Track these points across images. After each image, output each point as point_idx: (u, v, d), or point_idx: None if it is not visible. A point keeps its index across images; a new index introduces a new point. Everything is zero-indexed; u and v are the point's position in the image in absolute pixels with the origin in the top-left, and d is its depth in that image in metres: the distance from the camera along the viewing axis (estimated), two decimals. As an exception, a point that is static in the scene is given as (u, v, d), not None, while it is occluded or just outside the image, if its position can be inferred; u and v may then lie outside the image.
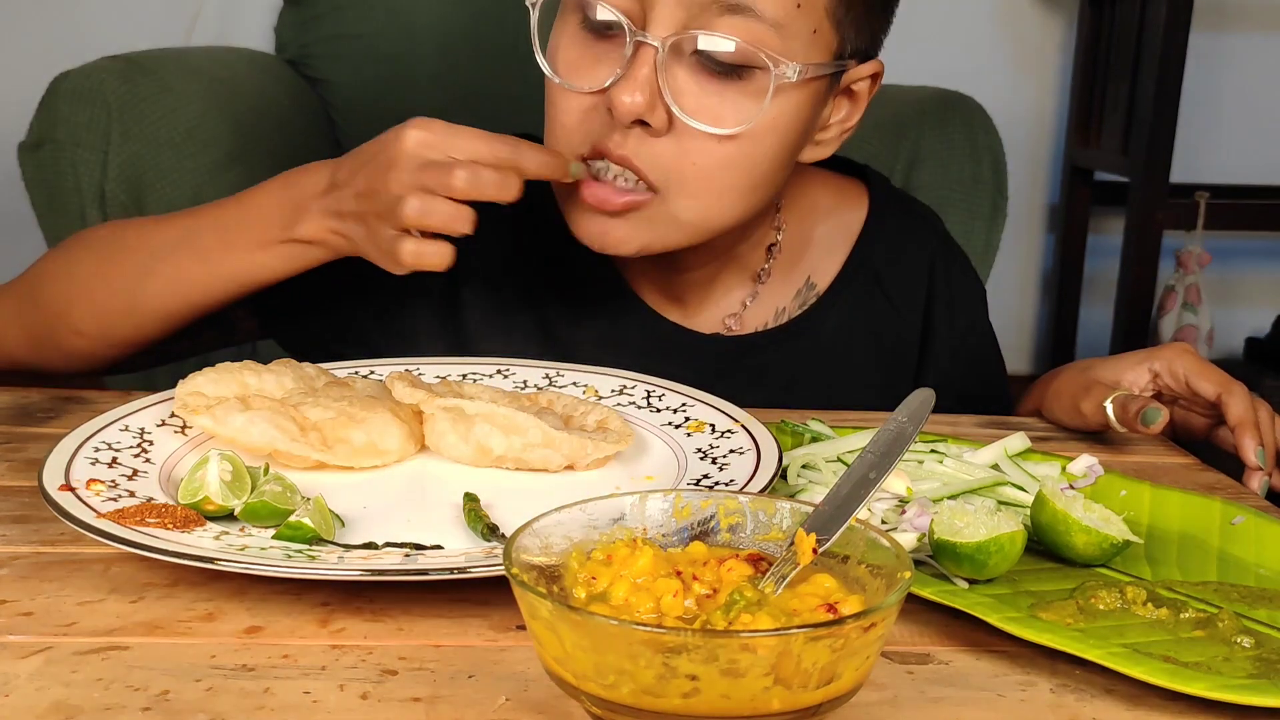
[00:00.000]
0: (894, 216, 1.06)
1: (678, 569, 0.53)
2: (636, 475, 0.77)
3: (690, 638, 0.44)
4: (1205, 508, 0.74)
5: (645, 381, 0.90)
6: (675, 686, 0.44)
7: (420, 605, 0.61)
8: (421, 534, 0.66)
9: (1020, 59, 2.77)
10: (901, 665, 0.58)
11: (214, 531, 0.64)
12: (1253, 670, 0.57)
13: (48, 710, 0.51)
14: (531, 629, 0.48)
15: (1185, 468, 0.89)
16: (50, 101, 1.48)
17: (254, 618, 0.60)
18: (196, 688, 0.53)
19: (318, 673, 0.55)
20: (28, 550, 0.66)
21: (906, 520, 0.69)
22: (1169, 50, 2.36)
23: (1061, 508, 0.67)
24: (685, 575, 0.52)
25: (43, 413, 0.89)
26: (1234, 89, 2.79)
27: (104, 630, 0.58)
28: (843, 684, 0.46)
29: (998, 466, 0.78)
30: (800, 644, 0.44)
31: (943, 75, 1.99)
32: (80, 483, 0.68)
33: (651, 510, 0.57)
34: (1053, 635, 0.57)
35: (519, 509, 0.69)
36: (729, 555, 0.54)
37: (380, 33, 1.90)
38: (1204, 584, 0.67)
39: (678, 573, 0.52)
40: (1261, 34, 2.78)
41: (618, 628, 0.45)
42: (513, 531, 0.52)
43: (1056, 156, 2.82)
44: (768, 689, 0.44)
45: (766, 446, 0.76)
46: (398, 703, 0.53)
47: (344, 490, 0.73)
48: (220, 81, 1.67)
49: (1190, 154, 2.68)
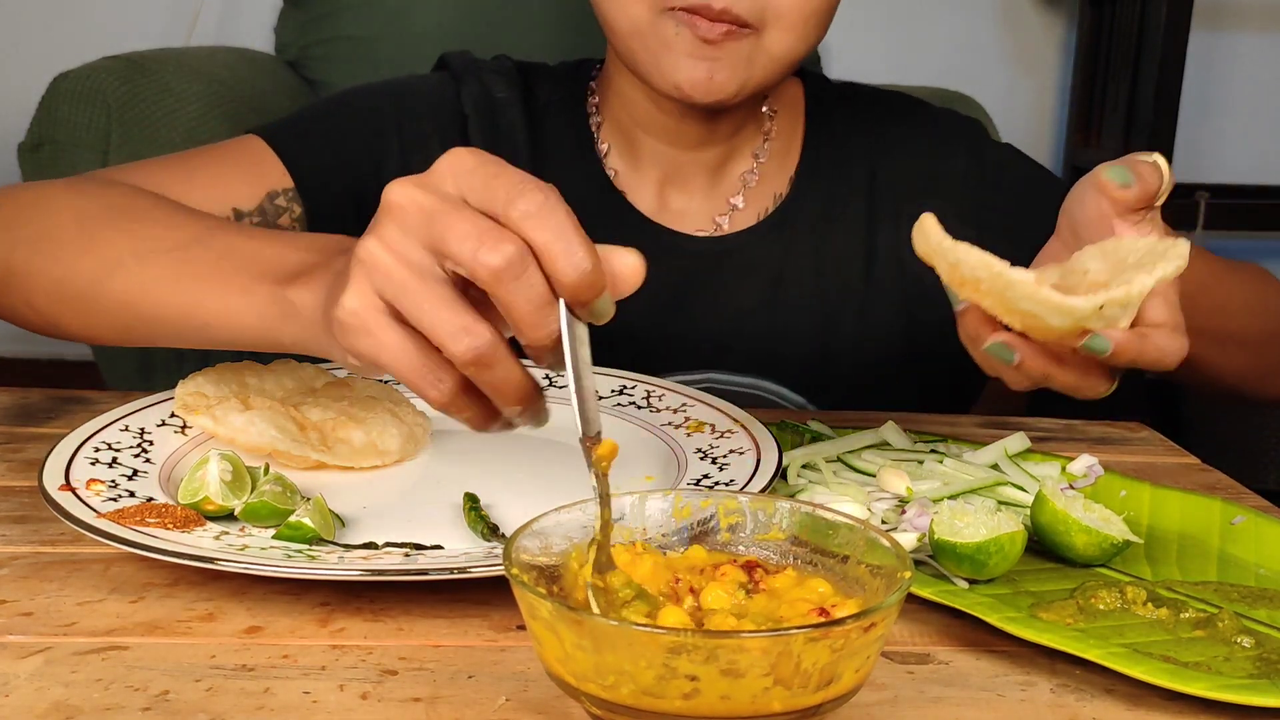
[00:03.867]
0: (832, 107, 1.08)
1: (677, 576, 0.53)
2: (636, 475, 0.77)
3: (690, 638, 0.44)
4: (1205, 508, 0.74)
5: (645, 381, 0.90)
6: (675, 687, 0.44)
7: (420, 605, 0.61)
8: (421, 534, 0.66)
9: (1020, 59, 2.77)
10: (901, 665, 0.58)
11: (214, 531, 0.64)
12: (1253, 670, 0.57)
13: (48, 710, 0.51)
14: (532, 629, 0.48)
15: (1185, 468, 0.89)
16: (50, 101, 1.48)
17: (254, 618, 0.60)
18: (196, 688, 0.53)
19: (318, 673, 0.55)
20: (28, 550, 0.66)
21: (906, 520, 0.69)
22: (1169, 50, 2.36)
23: (1061, 508, 0.67)
24: (684, 583, 0.52)
25: (43, 413, 0.89)
26: (1234, 89, 2.78)
27: (104, 630, 0.58)
28: (843, 685, 0.46)
29: (998, 466, 0.78)
30: (800, 644, 0.44)
31: (943, 75, 2.00)
32: (80, 483, 0.68)
33: (651, 510, 0.57)
34: (1053, 635, 0.57)
35: (519, 509, 0.69)
36: (725, 560, 0.54)
37: (380, 35, 1.90)
38: (1204, 584, 0.67)
39: (676, 580, 0.52)
40: (1261, 34, 2.77)
41: (618, 628, 0.45)
42: (513, 532, 0.52)
43: (1056, 156, 2.82)
44: (768, 689, 0.44)
45: (766, 446, 0.76)
46: (398, 703, 0.53)
47: (344, 490, 0.73)
48: (220, 81, 1.67)
49: (1190, 154, 2.68)
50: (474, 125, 1.03)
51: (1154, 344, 0.61)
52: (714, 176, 1.05)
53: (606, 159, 1.05)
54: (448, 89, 1.04)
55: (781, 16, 0.90)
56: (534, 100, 1.05)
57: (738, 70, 0.91)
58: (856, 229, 1.05)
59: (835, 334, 1.04)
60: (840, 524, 0.55)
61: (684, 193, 1.05)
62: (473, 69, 1.05)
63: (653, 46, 0.91)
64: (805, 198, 1.05)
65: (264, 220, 0.94)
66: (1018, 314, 0.61)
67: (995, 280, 0.59)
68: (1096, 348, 0.60)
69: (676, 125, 1.01)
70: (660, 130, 1.02)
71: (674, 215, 1.04)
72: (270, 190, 0.94)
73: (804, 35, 0.92)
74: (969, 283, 0.61)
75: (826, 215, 1.05)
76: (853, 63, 2.38)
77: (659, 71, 0.91)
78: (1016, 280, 0.58)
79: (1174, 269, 0.60)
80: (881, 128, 1.08)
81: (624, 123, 1.04)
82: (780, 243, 1.04)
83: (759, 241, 1.04)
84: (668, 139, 1.02)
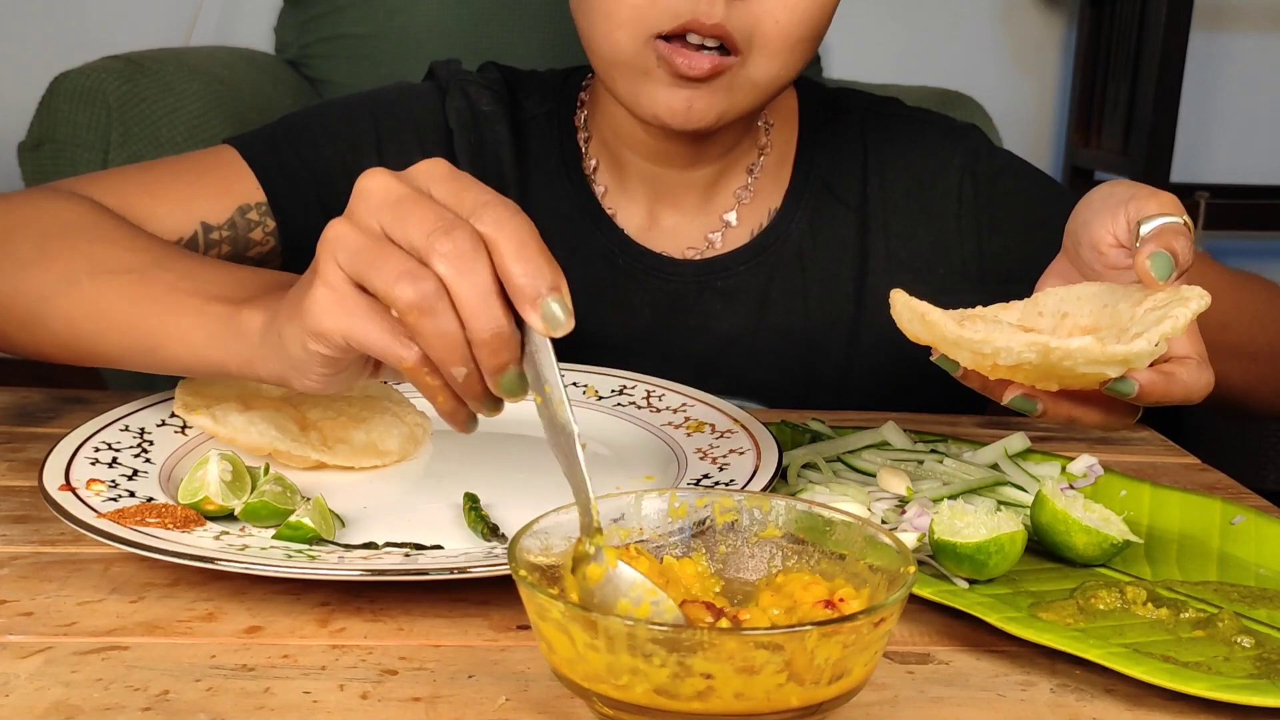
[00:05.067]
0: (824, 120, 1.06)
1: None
2: (636, 475, 0.77)
3: (705, 635, 0.44)
4: (1205, 508, 0.74)
5: (645, 381, 0.90)
6: (690, 685, 0.44)
7: (420, 605, 0.61)
8: (421, 534, 0.66)
9: (1020, 59, 2.78)
10: (901, 665, 0.58)
11: (214, 531, 0.64)
12: (1253, 670, 0.57)
13: (48, 710, 0.51)
14: (540, 630, 0.48)
15: (1185, 468, 0.89)
16: (50, 101, 1.48)
17: (254, 618, 0.60)
18: (196, 688, 0.53)
19: (318, 673, 0.55)
20: (28, 550, 0.66)
21: (906, 520, 0.69)
22: (1169, 50, 2.36)
23: (1061, 508, 0.67)
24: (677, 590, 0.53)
25: (43, 413, 0.89)
26: (1234, 89, 2.79)
27: (104, 630, 0.58)
28: (852, 679, 0.47)
29: (998, 466, 0.78)
30: (814, 640, 0.44)
31: (943, 75, 2.00)
32: (80, 483, 0.68)
33: (648, 510, 0.57)
34: (1053, 635, 0.57)
35: (519, 509, 0.69)
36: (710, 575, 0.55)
37: (380, 33, 1.90)
38: (1204, 584, 0.67)
39: None
40: (1261, 34, 2.78)
41: (633, 627, 0.45)
42: (515, 532, 0.52)
43: (1056, 156, 2.82)
44: (781, 685, 0.44)
45: (766, 446, 0.76)
46: (398, 703, 0.53)
47: (344, 490, 0.73)
48: (220, 81, 1.67)
49: (1190, 154, 2.68)
50: (459, 139, 1.01)
51: (1180, 381, 0.61)
52: (706, 194, 1.02)
53: (595, 175, 1.02)
54: (432, 101, 1.02)
55: (767, 43, 0.87)
56: (520, 113, 1.03)
57: (717, 99, 0.88)
58: (846, 246, 1.02)
59: (822, 357, 1.02)
60: (838, 521, 0.55)
61: (675, 210, 1.02)
62: (458, 81, 1.03)
63: (632, 76, 0.89)
64: (794, 215, 1.02)
65: (234, 234, 0.92)
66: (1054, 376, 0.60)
67: (1048, 355, 0.58)
68: (1123, 391, 0.60)
69: (663, 147, 0.98)
70: (647, 151, 0.99)
71: (664, 233, 1.02)
72: (241, 204, 0.93)
73: (788, 62, 0.89)
74: (1000, 367, 0.60)
75: (815, 232, 1.02)
76: (853, 63, 2.38)
77: (637, 101, 0.89)
78: (1075, 349, 0.57)
79: (1203, 304, 0.59)
80: (872, 138, 1.05)
81: (610, 140, 1.01)
82: (766, 266, 1.01)
83: (744, 265, 1.01)
84: (655, 159, 1.00)
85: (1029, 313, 0.67)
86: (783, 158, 1.04)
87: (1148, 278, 0.63)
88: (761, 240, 1.02)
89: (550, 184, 1.02)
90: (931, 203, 1.03)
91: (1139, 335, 0.58)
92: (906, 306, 0.63)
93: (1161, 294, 0.62)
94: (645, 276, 1.00)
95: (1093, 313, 0.64)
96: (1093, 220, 0.71)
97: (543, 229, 0.98)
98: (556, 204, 1.01)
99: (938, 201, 1.03)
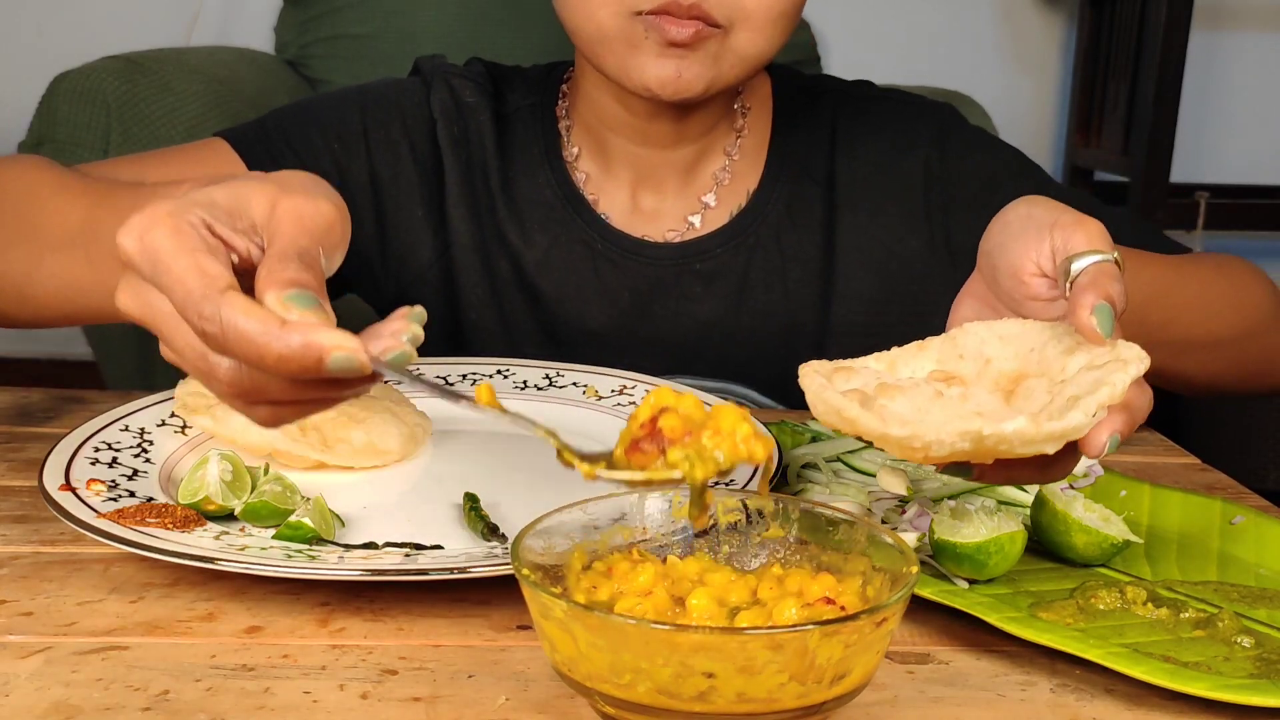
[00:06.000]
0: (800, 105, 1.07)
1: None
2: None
3: (708, 635, 0.44)
4: (1205, 508, 0.74)
5: (645, 381, 0.90)
6: (692, 685, 0.44)
7: (420, 605, 0.61)
8: (421, 534, 0.66)
9: (1020, 59, 2.77)
10: (901, 665, 0.58)
11: (214, 531, 0.64)
12: (1253, 670, 0.57)
13: (48, 710, 0.51)
14: (542, 629, 0.48)
15: (1185, 468, 0.89)
16: (50, 101, 1.48)
17: (254, 618, 0.60)
18: (196, 688, 0.53)
19: (318, 673, 0.55)
20: (28, 550, 0.66)
21: (906, 520, 0.69)
22: (1169, 50, 2.36)
23: (1061, 508, 0.67)
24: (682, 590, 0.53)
25: (43, 413, 0.89)
26: (1234, 89, 2.78)
27: (104, 630, 0.58)
28: (853, 680, 0.47)
29: (998, 466, 0.78)
30: (816, 639, 0.44)
31: (943, 75, 2.00)
32: (80, 483, 0.68)
33: (651, 510, 0.57)
34: (1053, 635, 0.57)
35: (519, 509, 0.69)
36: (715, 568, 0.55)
37: (380, 33, 1.90)
38: (1204, 584, 0.67)
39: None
40: (1261, 34, 2.78)
41: (636, 626, 0.45)
42: (517, 532, 0.52)
43: (1057, 156, 2.82)
44: (783, 685, 0.44)
45: (766, 446, 0.76)
46: (398, 703, 0.53)
47: (344, 490, 0.73)
48: (220, 81, 1.67)
49: (1190, 154, 2.68)
50: (442, 130, 1.02)
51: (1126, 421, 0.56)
52: (686, 176, 1.04)
53: (577, 163, 1.04)
54: (417, 94, 1.04)
55: (750, 17, 0.89)
56: (503, 105, 1.05)
57: (706, 68, 0.90)
58: (817, 227, 1.03)
59: (799, 335, 1.03)
60: (840, 520, 0.55)
61: (656, 193, 1.04)
62: (442, 73, 1.05)
63: (620, 49, 0.90)
64: (770, 197, 1.03)
65: None
66: (990, 455, 0.55)
67: (982, 442, 0.53)
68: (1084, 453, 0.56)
69: (646, 125, 1.00)
70: (630, 131, 1.01)
71: (646, 216, 1.03)
72: None
73: (771, 36, 0.91)
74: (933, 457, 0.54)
75: (789, 214, 1.03)
76: (852, 62, 2.37)
77: (626, 73, 0.91)
78: (1010, 433, 0.53)
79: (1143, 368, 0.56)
80: (842, 120, 1.06)
81: (593, 125, 1.03)
82: (745, 247, 1.02)
83: (722, 247, 1.02)
84: (638, 139, 1.01)
85: (947, 353, 0.62)
86: (759, 141, 1.05)
87: (1093, 335, 0.58)
88: (740, 222, 1.03)
89: (532, 173, 1.03)
90: (900, 178, 1.03)
91: (1075, 399, 0.54)
92: (820, 399, 0.57)
93: (1100, 350, 0.57)
94: (625, 261, 1.02)
95: (1018, 355, 0.60)
96: (1010, 244, 0.65)
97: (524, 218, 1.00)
98: (538, 193, 1.03)
99: (905, 176, 1.03)
